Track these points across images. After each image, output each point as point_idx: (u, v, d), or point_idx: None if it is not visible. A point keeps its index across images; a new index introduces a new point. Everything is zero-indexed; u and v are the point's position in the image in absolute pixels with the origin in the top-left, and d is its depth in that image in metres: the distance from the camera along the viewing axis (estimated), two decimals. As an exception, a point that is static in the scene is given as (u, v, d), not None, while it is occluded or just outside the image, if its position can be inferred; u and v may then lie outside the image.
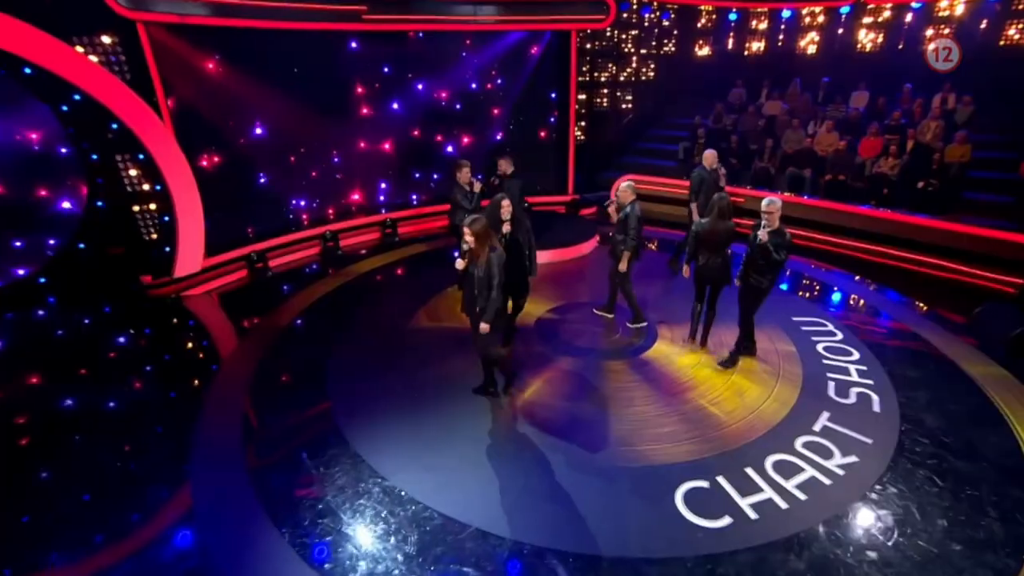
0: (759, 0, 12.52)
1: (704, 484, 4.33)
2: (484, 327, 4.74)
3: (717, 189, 7.26)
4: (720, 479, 4.39)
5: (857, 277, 8.26)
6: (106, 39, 7.09)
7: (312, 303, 7.56)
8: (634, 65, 13.27)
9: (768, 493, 4.26)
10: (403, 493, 4.26)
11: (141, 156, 7.45)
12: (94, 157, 7.39)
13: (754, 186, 10.71)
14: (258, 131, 9.13)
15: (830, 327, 6.68)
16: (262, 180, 9.37)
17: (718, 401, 5.34)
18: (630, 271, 6.23)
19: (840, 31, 12.39)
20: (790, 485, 4.33)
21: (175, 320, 7.35)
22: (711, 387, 5.54)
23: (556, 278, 8.11)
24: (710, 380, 5.65)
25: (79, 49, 6.85)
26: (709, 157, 7.55)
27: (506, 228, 5.44)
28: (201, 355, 6.46)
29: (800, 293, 7.72)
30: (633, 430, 4.95)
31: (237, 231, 9.13)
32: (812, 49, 12.91)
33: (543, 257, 8.56)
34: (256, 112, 8.97)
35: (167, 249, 8.00)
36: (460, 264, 4.70)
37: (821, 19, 12.65)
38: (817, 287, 7.97)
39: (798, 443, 4.75)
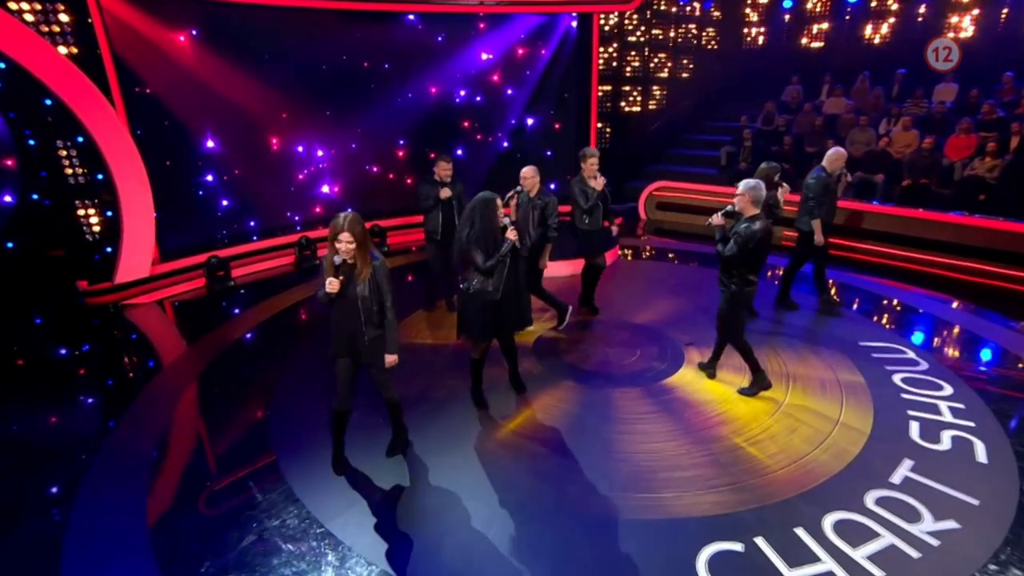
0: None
1: (737, 547, 3.60)
2: (391, 359, 4.04)
3: (835, 195, 6.63)
4: (759, 541, 3.64)
5: (945, 297, 7.47)
6: (49, 4, 6.97)
7: (270, 317, 7.25)
8: (669, 60, 12.94)
9: (827, 564, 3.49)
10: (348, 548, 3.61)
11: (80, 139, 7.22)
12: (31, 143, 7.19)
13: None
14: (230, 123, 8.94)
15: (910, 354, 5.91)
16: (232, 178, 9.19)
17: (759, 440, 4.64)
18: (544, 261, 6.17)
19: (920, 16, 11.80)
20: (859, 555, 3.55)
21: (110, 333, 7.00)
22: (750, 422, 4.86)
23: (565, 294, 7.60)
24: (749, 414, 5.00)
25: (11, 6, 6.71)
26: (836, 158, 6.48)
27: (512, 235, 4.49)
28: (128, 375, 6.13)
29: (872, 316, 7.00)
30: (646, 471, 4.32)
31: (199, 234, 8.90)
32: (882, 38, 12.33)
33: (552, 268, 8.04)
34: (228, 101, 8.81)
35: (108, 250, 7.69)
36: (332, 286, 3.75)
37: (894, 4, 12.08)
38: (893, 308, 7.33)
39: (869, 499, 4.00)
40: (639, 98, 12.74)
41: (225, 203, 9.18)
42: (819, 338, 6.30)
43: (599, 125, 12.04)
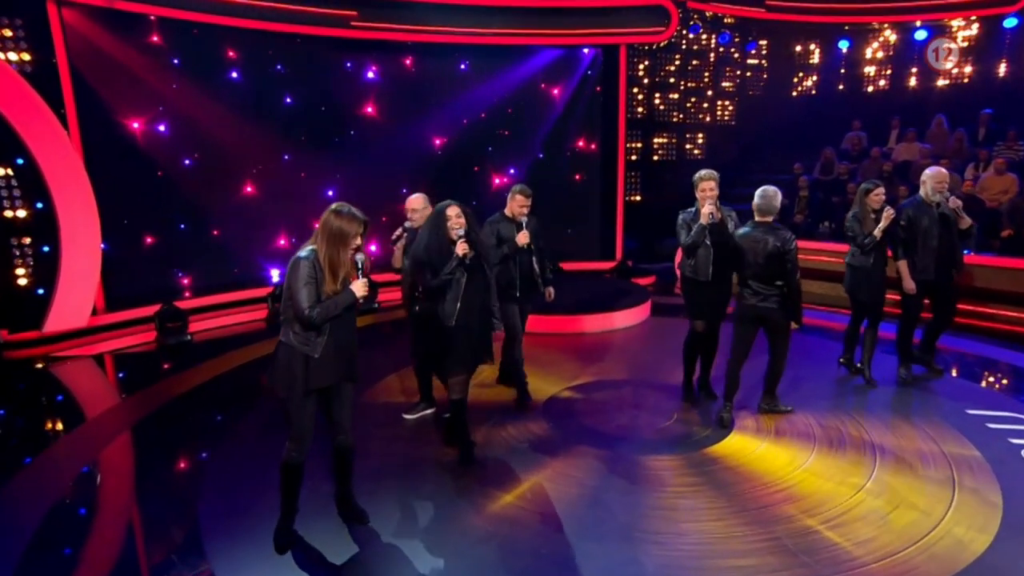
0: (877, 15, 12.12)
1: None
2: None
3: (946, 232, 5.82)
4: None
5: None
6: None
7: (217, 376, 6.85)
8: (708, 105, 12.97)
9: None
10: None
11: (20, 160, 7.11)
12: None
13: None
14: (198, 156, 8.91)
15: (1036, 425, 5.23)
16: (199, 219, 9.11)
17: (840, 522, 4.02)
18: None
19: (1006, 51, 11.74)
20: None
21: (15, 391, 6.62)
22: (825, 501, 4.28)
23: (586, 350, 7.17)
24: (823, 490, 4.44)
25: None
26: (936, 180, 5.77)
27: (461, 249, 4.28)
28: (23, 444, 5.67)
29: (979, 381, 6.45)
30: (686, 558, 3.72)
31: (157, 281, 8.72)
32: (953, 78, 12.23)
33: (577, 324, 7.77)
34: (203, 135, 8.85)
35: (40, 292, 7.40)
36: (363, 289, 3.52)
37: (974, 31, 12.02)
38: (1005, 371, 6.80)
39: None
40: (673, 145, 12.66)
41: (190, 247, 9.02)
42: (910, 406, 5.76)
43: (632, 174, 11.96)
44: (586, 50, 11.07)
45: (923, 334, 6.39)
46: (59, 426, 5.81)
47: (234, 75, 9.17)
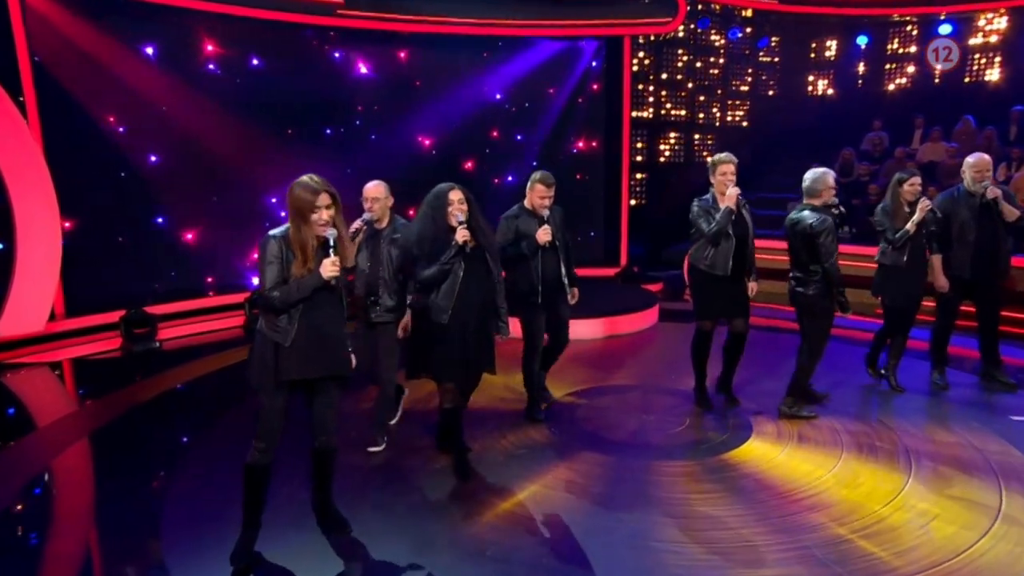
0: (898, 7, 12.19)
1: None
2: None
3: (988, 225, 5.69)
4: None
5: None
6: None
7: (186, 382, 6.74)
8: (718, 105, 13.00)
9: None
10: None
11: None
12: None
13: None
14: (172, 151, 8.82)
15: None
16: (173, 219, 9.01)
17: (874, 531, 3.92)
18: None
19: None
20: None
21: None
22: (856, 509, 4.17)
23: (589, 355, 7.11)
24: (854, 498, 4.30)
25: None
26: (976, 168, 5.64)
27: (461, 236, 4.12)
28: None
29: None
30: (706, 568, 3.58)
31: (126, 285, 8.58)
32: (991, 75, 12.27)
33: (581, 329, 7.59)
34: (181, 129, 8.76)
35: (-9, 293, 7.26)
36: (334, 268, 3.30)
37: (1003, 24, 12.06)
38: None
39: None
40: (681, 146, 12.66)
41: (162, 248, 8.92)
42: (946, 412, 5.65)
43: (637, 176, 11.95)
44: (588, 43, 11.07)
45: (979, 347, 6.13)
46: (5, 436, 5.60)
47: (211, 66, 9.10)
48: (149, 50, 8.60)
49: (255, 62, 9.38)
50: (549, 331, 5.30)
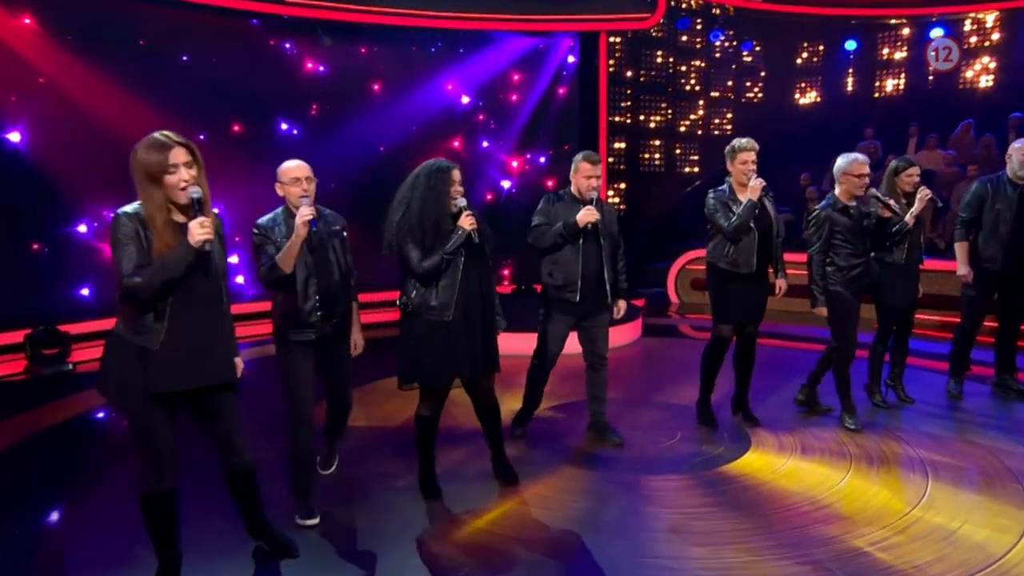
0: (887, 7, 12.50)
1: None
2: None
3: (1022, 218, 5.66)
4: None
5: None
6: None
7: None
8: (701, 111, 13.14)
9: None
10: None
11: None
12: None
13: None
14: (92, 150, 8.51)
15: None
16: (92, 226, 8.75)
17: (894, 544, 3.81)
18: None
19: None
20: None
21: None
22: (873, 521, 4.05)
23: (567, 370, 6.99)
24: (869, 509, 4.19)
25: None
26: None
27: (469, 223, 3.92)
28: None
29: None
30: None
31: (36, 298, 8.28)
32: (984, 80, 12.60)
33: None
34: (94, 122, 8.47)
35: None
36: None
37: (996, 26, 12.44)
38: None
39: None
40: (662, 154, 12.75)
41: (78, 258, 8.65)
42: (962, 422, 5.61)
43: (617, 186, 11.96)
44: (562, 39, 11.13)
45: (995, 351, 6.08)
46: None
47: (143, 56, 8.90)
48: (70, 36, 8.40)
49: (191, 52, 9.22)
50: (584, 343, 5.01)
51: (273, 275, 3.70)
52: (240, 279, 9.64)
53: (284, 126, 9.92)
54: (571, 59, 11.30)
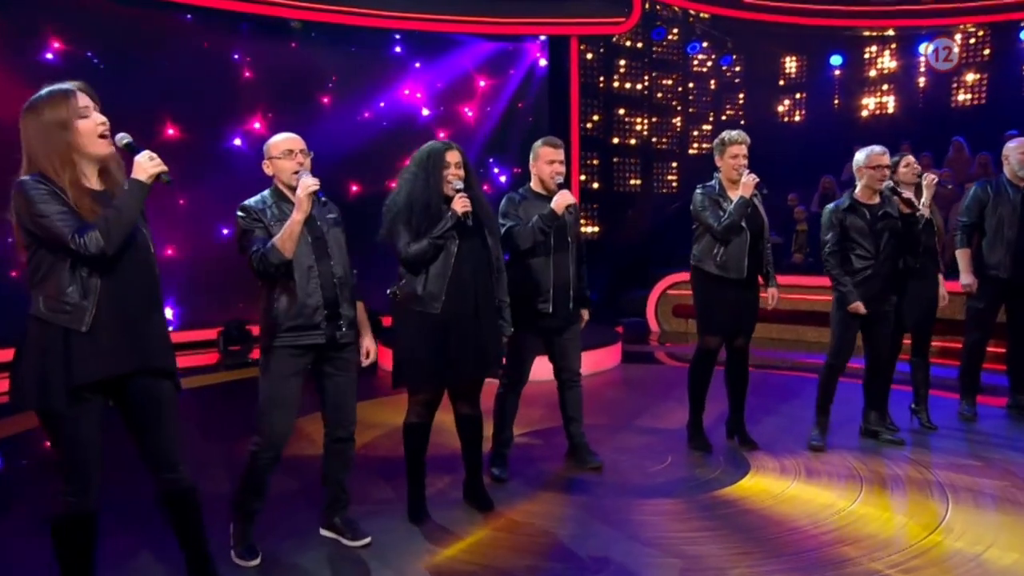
0: (873, 19, 12.90)
1: None
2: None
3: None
4: None
5: None
6: None
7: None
8: (679, 128, 13.36)
9: None
10: None
11: None
12: None
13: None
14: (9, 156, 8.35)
15: None
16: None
17: (917, 566, 3.77)
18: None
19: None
20: None
21: None
22: (892, 542, 4.03)
23: (545, 395, 7.01)
24: (887, 530, 4.18)
25: None
26: (1022, 151, 5.73)
27: (460, 206, 3.86)
28: None
29: None
30: None
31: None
32: (973, 96, 13.01)
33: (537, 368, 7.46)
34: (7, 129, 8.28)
35: None
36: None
37: (987, 51, 12.89)
38: None
39: None
40: (637, 173, 12.90)
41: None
42: (977, 444, 5.66)
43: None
44: (530, 44, 11.24)
45: (1008, 366, 6.11)
46: None
47: (49, 56, 8.75)
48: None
49: (115, 50, 9.07)
50: (554, 359, 4.90)
51: (269, 262, 3.36)
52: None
53: (205, 138, 9.76)
54: (543, 63, 11.40)
